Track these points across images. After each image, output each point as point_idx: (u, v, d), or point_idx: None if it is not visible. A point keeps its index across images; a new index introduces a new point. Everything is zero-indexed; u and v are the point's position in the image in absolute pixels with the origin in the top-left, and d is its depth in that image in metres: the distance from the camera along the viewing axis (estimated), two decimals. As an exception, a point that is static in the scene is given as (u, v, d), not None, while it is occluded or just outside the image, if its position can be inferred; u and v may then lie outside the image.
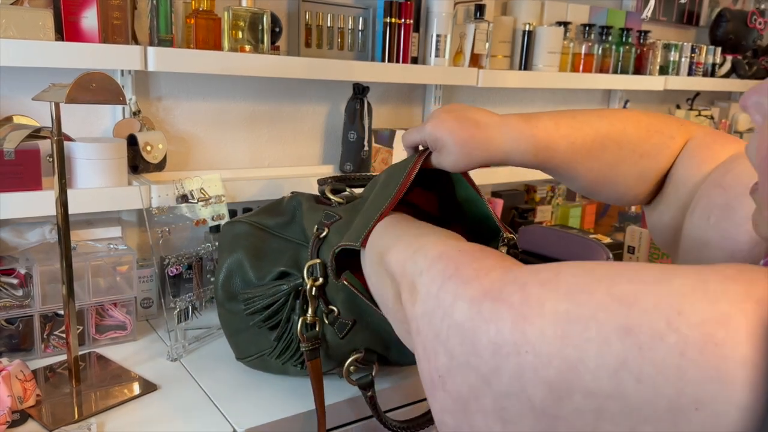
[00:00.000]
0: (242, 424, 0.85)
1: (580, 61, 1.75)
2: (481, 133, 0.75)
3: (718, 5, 2.29)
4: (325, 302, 0.82)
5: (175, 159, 1.26)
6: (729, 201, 0.64)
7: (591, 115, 0.77)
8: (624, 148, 0.75)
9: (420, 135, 0.79)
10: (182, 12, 1.20)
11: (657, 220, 0.78)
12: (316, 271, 0.81)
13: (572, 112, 0.78)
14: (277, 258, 0.90)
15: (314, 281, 0.81)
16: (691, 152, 0.73)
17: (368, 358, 0.84)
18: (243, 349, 0.95)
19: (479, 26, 1.49)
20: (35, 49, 0.96)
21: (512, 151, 0.75)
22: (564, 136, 0.75)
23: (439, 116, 0.77)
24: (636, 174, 0.76)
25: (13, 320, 0.98)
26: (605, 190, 0.78)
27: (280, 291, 0.88)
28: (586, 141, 0.75)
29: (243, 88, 1.32)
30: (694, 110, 2.17)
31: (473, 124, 0.76)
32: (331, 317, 0.82)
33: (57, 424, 0.82)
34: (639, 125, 0.76)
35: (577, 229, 1.46)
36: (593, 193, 0.80)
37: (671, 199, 0.74)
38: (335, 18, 1.36)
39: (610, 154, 0.75)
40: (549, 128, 0.75)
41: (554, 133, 0.75)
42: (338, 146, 1.43)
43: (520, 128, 0.75)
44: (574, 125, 0.76)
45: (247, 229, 0.94)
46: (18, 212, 0.99)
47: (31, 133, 0.87)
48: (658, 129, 0.76)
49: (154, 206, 1.08)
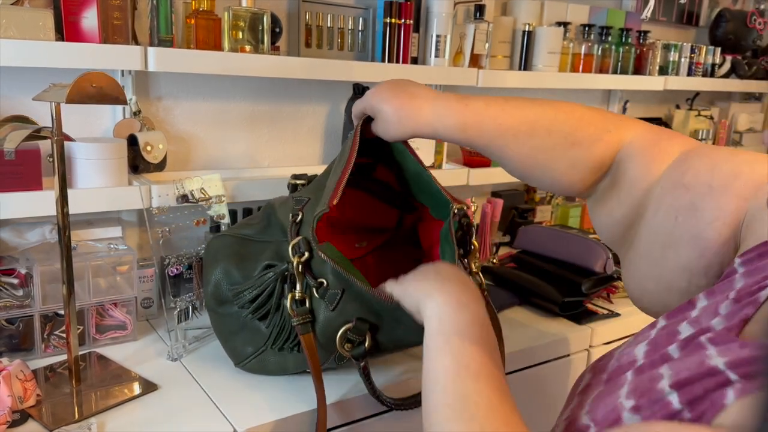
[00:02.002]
0: (242, 424, 0.85)
1: (580, 62, 1.75)
2: (411, 103, 0.81)
3: (718, 5, 2.29)
4: (313, 277, 0.85)
5: (176, 159, 1.26)
6: (694, 201, 0.64)
7: (525, 102, 0.81)
8: (553, 134, 0.78)
9: (362, 104, 0.87)
10: (182, 12, 1.20)
11: (606, 217, 0.79)
12: (301, 248, 0.84)
13: (507, 97, 0.82)
14: (259, 256, 0.93)
15: (300, 258, 0.84)
16: (641, 150, 0.74)
17: (359, 327, 0.84)
18: (239, 352, 0.96)
19: (479, 26, 1.49)
20: (35, 49, 0.97)
21: (438, 124, 0.80)
22: (492, 117, 0.79)
23: (380, 86, 0.85)
24: (567, 162, 0.78)
25: (13, 320, 0.98)
26: (535, 174, 0.81)
27: (267, 279, 0.90)
28: (513, 124, 0.78)
29: (243, 88, 1.32)
30: (693, 110, 2.17)
31: (407, 95, 0.82)
32: (321, 290, 0.84)
33: (57, 423, 0.82)
34: (572, 115, 0.78)
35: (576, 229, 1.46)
36: (525, 177, 0.83)
37: (623, 196, 0.75)
38: (335, 18, 1.36)
39: (539, 139, 0.78)
40: (478, 107, 0.80)
41: (482, 113, 0.79)
42: (338, 146, 1.43)
43: (450, 104, 0.80)
44: (505, 108, 0.79)
45: (228, 240, 0.98)
46: (18, 212, 1.00)
47: (32, 133, 0.87)
48: (593, 122, 0.78)
49: (155, 206, 1.08)
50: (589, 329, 1.23)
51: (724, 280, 0.57)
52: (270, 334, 0.92)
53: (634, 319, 1.29)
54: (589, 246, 1.29)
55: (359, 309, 0.84)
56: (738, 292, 0.54)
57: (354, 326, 0.84)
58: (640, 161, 0.73)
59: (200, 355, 1.04)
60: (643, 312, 0.76)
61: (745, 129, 2.36)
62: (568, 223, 1.80)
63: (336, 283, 0.83)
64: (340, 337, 0.84)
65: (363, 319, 0.84)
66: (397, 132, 0.83)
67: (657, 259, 0.68)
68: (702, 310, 0.56)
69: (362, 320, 0.84)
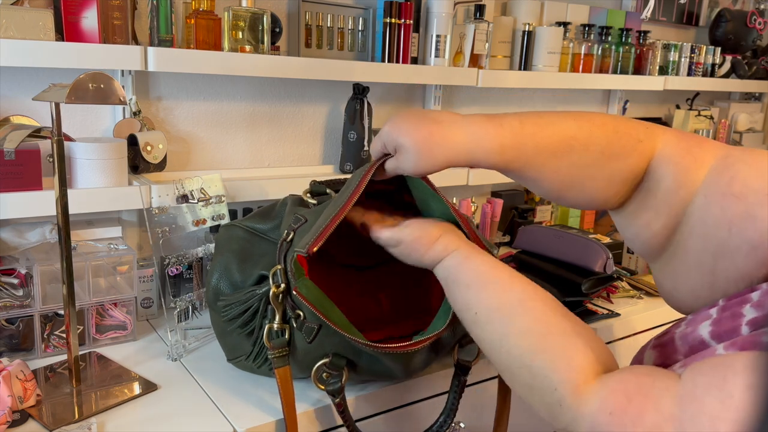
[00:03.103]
0: (242, 424, 0.85)
1: (580, 62, 1.75)
2: (442, 130, 0.73)
3: (718, 5, 2.29)
4: (292, 307, 0.82)
5: (176, 159, 1.26)
6: (749, 210, 0.63)
7: (557, 116, 0.76)
8: (591, 149, 0.73)
9: (380, 140, 0.76)
10: (182, 12, 1.20)
11: (644, 229, 0.76)
12: (278, 278, 0.81)
13: (537, 112, 0.76)
14: (260, 261, 0.91)
15: (277, 287, 0.81)
16: (673, 159, 0.72)
17: (336, 363, 0.82)
18: (230, 351, 0.95)
19: (479, 26, 1.49)
20: (35, 49, 0.97)
21: (476, 149, 0.73)
22: (529, 135, 0.73)
23: (397, 119, 0.75)
24: (605, 176, 0.74)
25: (13, 320, 0.98)
26: (572, 192, 0.76)
27: (253, 297, 0.88)
28: (552, 141, 0.73)
29: (243, 88, 1.32)
30: (693, 110, 2.17)
31: (432, 122, 0.73)
32: (299, 322, 0.81)
33: (57, 423, 0.82)
34: (605, 128, 0.74)
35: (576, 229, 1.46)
36: (560, 197, 0.78)
37: (661, 207, 0.73)
38: (335, 18, 1.36)
39: (577, 155, 0.73)
40: (514, 127, 0.73)
41: (519, 132, 0.73)
42: (338, 146, 1.43)
43: (484, 126, 0.73)
44: (540, 124, 0.74)
45: (238, 233, 0.96)
46: (18, 212, 1.00)
47: (32, 133, 0.87)
48: (626, 131, 0.74)
49: (155, 206, 1.08)
50: (589, 329, 1.22)
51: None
52: (251, 352, 0.91)
53: (633, 319, 1.29)
54: (589, 246, 1.29)
55: (337, 344, 0.81)
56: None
57: (330, 362, 0.82)
58: (675, 170, 0.72)
59: (200, 355, 1.04)
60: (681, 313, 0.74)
61: (744, 129, 2.36)
62: (568, 223, 1.80)
63: (313, 317, 0.80)
64: (314, 372, 0.82)
65: (340, 355, 0.82)
66: (427, 164, 0.73)
67: (710, 268, 0.67)
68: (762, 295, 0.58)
69: (339, 356, 0.82)
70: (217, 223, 1.14)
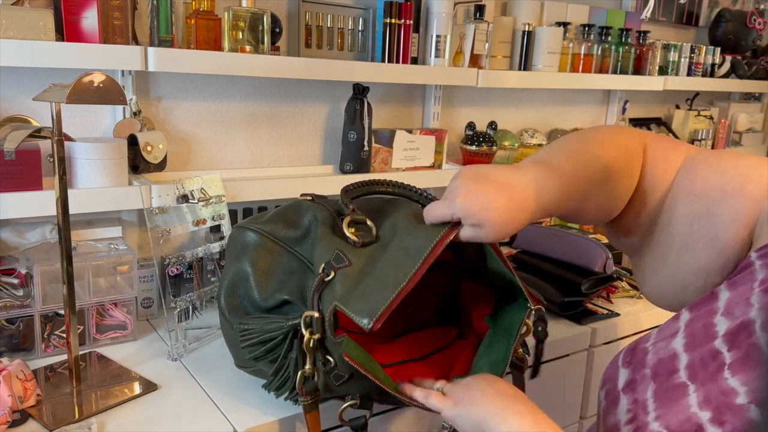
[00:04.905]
0: (242, 424, 0.85)
1: (580, 62, 1.75)
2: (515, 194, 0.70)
3: (718, 5, 2.29)
4: (323, 353, 0.78)
5: (176, 159, 1.26)
6: (708, 207, 0.69)
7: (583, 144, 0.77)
8: (616, 174, 0.76)
9: (450, 210, 0.72)
10: (182, 12, 1.20)
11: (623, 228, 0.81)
12: (315, 326, 0.76)
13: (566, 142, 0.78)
14: (283, 279, 0.85)
15: (311, 334, 0.76)
16: (654, 162, 0.78)
17: (364, 405, 0.81)
18: (240, 359, 0.91)
19: (479, 26, 1.49)
20: (35, 49, 0.97)
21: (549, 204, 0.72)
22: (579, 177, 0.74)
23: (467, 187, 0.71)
24: (618, 194, 0.77)
25: (13, 320, 0.98)
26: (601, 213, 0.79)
27: (279, 329, 0.82)
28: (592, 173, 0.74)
29: (243, 88, 1.32)
30: (693, 110, 2.17)
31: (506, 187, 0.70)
32: (328, 367, 0.78)
33: (57, 423, 0.82)
34: (619, 148, 0.77)
35: (576, 229, 1.46)
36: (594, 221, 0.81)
37: (637, 207, 0.78)
38: (335, 18, 1.36)
39: (611, 183, 0.76)
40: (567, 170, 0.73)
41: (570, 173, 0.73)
42: (338, 146, 1.43)
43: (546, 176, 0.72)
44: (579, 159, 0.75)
45: (258, 240, 0.87)
46: (18, 212, 1.00)
47: (32, 133, 0.87)
48: (629, 147, 0.78)
49: (155, 206, 1.08)
50: (589, 329, 1.23)
51: (741, 273, 0.63)
52: (272, 381, 0.86)
53: (633, 319, 1.29)
54: (588, 246, 1.29)
55: (365, 388, 0.80)
56: (762, 282, 0.59)
57: (359, 404, 0.80)
58: (652, 173, 0.77)
59: (200, 355, 1.04)
60: (660, 308, 0.80)
61: (744, 129, 2.36)
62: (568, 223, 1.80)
63: (343, 366, 0.77)
64: (340, 412, 0.80)
65: (369, 396, 0.81)
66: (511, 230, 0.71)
67: (674, 262, 0.73)
68: (728, 302, 0.62)
69: (367, 398, 0.81)
70: (218, 223, 1.14)
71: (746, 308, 0.59)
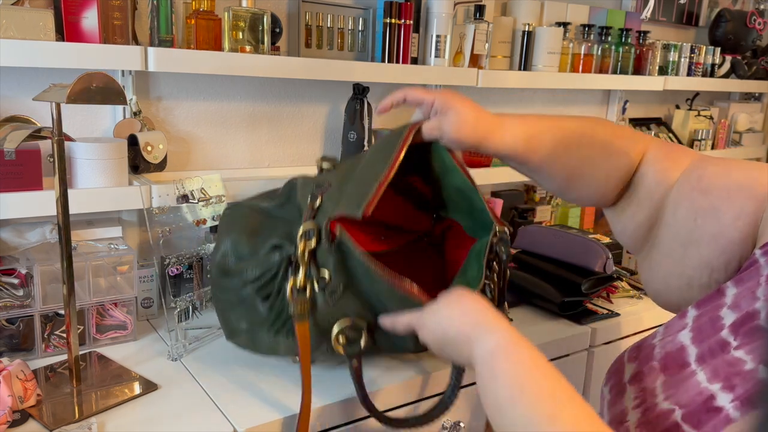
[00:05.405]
0: (242, 424, 0.85)
1: (580, 62, 1.75)
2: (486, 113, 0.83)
3: (718, 5, 2.29)
4: (316, 267, 0.83)
5: (176, 159, 1.26)
6: (713, 203, 0.71)
7: (565, 116, 0.87)
8: (595, 145, 0.83)
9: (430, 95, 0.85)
10: (182, 12, 1.20)
11: (629, 220, 0.84)
12: (310, 235, 0.82)
13: (549, 115, 0.87)
14: (270, 233, 0.91)
15: (306, 245, 0.82)
16: (659, 159, 0.82)
17: (357, 324, 0.83)
18: (233, 326, 0.95)
19: (479, 27, 1.49)
20: (35, 49, 0.97)
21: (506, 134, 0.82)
22: (547, 129, 0.83)
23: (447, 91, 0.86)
24: (604, 173, 0.83)
25: (13, 320, 0.98)
26: (577, 186, 0.85)
27: (272, 261, 0.88)
28: (565, 135, 0.83)
29: (243, 88, 1.32)
30: (693, 110, 2.17)
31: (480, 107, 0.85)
32: (322, 282, 0.83)
33: (57, 423, 0.82)
34: (606, 127, 0.85)
35: (576, 229, 1.46)
36: (566, 189, 0.87)
37: (643, 200, 0.82)
38: (335, 18, 1.36)
39: (585, 149, 0.83)
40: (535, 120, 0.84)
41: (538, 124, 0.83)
42: (338, 146, 1.43)
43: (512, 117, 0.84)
44: (554, 120, 0.85)
45: (244, 211, 0.96)
46: (18, 212, 1.00)
47: (32, 133, 0.87)
48: (622, 134, 0.84)
49: (155, 206, 1.08)
50: (589, 329, 1.23)
51: (747, 270, 0.64)
52: (268, 317, 0.91)
53: (633, 319, 1.29)
54: (589, 246, 1.29)
55: (359, 307, 0.83)
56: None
57: (351, 324, 0.83)
58: (657, 169, 0.81)
59: (200, 355, 1.04)
60: (661, 307, 0.81)
61: (744, 129, 2.36)
62: (568, 223, 1.81)
63: (337, 278, 0.82)
64: (335, 333, 0.84)
65: (361, 317, 0.84)
66: (467, 135, 0.82)
67: (679, 257, 0.74)
68: (735, 297, 0.63)
69: (361, 318, 0.84)
70: (218, 223, 1.14)
71: (752, 300, 0.60)
